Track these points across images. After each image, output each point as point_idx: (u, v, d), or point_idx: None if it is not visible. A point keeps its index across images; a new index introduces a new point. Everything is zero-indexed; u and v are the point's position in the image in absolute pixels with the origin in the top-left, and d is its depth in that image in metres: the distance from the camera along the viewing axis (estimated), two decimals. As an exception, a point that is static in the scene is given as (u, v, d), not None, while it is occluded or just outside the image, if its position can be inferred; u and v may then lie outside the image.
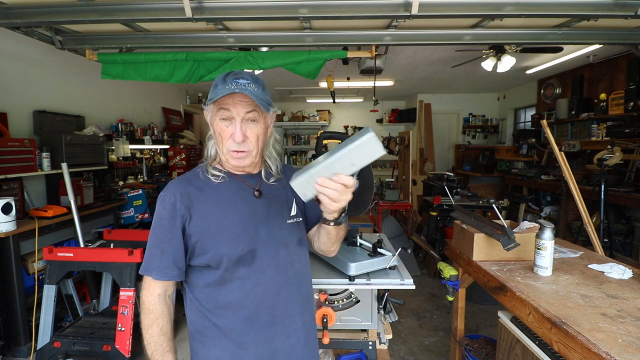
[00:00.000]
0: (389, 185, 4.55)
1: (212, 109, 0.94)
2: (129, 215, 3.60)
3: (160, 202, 0.94)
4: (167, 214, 0.92)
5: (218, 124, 0.93)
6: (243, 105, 0.91)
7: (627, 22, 2.28)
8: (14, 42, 2.89)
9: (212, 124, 0.95)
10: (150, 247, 0.95)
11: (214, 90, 0.92)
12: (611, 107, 4.12)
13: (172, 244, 0.92)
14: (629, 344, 0.95)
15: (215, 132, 0.95)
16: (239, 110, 0.91)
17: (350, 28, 2.46)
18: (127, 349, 2.15)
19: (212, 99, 0.91)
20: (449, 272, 1.84)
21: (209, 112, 0.96)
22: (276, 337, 0.96)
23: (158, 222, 0.94)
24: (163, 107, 5.55)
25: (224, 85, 0.89)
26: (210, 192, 0.95)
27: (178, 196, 0.93)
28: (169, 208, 0.92)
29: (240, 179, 1.00)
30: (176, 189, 0.94)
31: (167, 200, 0.93)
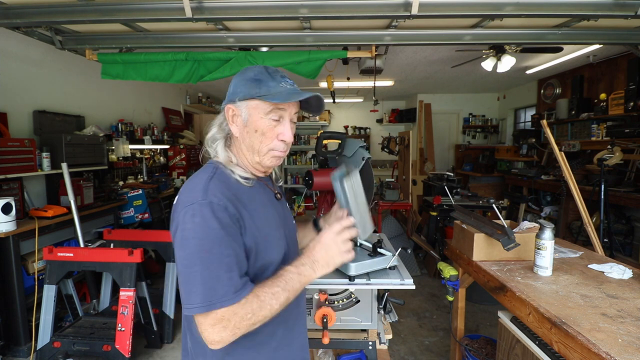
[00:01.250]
0: (389, 185, 4.55)
1: (256, 105, 0.85)
2: (129, 215, 3.60)
3: (203, 210, 0.76)
4: (222, 223, 0.76)
5: (265, 122, 0.85)
6: (295, 106, 0.89)
7: (627, 22, 2.28)
8: (14, 42, 2.89)
9: (252, 121, 0.85)
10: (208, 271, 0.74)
11: (260, 85, 0.84)
12: (611, 107, 4.12)
13: (237, 256, 0.78)
14: (629, 344, 0.95)
15: (254, 130, 0.85)
16: (291, 110, 0.88)
17: (350, 28, 2.46)
18: (127, 349, 2.15)
19: (264, 95, 0.83)
20: (449, 272, 1.84)
21: (243, 108, 0.85)
22: (301, 334, 1.00)
23: (210, 235, 0.75)
24: (163, 107, 5.55)
25: (276, 83, 0.85)
26: (248, 197, 0.86)
27: (226, 200, 0.79)
28: (222, 215, 0.77)
29: (264, 182, 0.96)
30: (219, 192, 0.79)
31: (216, 206, 0.77)
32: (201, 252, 0.74)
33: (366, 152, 1.63)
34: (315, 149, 1.75)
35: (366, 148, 1.66)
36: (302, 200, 5.79)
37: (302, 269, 0.84)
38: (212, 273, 0.74)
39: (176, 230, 0.79)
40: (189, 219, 0.76)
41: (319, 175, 1.62)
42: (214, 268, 0.75)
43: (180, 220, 0.78)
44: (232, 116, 0.88)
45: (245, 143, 0.88)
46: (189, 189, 0.82)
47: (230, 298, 0.74)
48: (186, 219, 0.76)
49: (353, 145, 1.71)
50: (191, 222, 0.76)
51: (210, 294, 0.73)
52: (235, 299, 0.74)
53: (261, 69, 0.88)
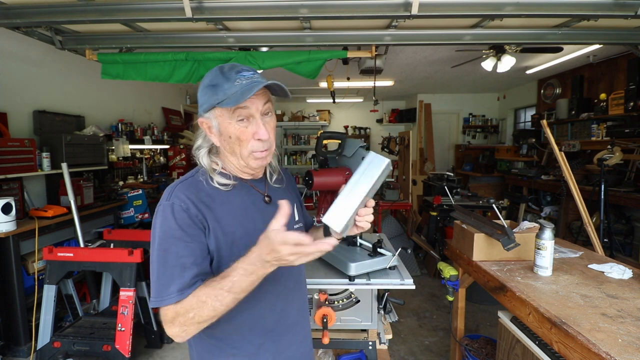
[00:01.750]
0: (389, 185, 4.55)
1: (218, 113, 0.83)
2: (129, 215, 3.60)
3: (165, 211, 0.80)
4: (180, 223, 0.79)
5: (234, 127, 0.83)
6: (260, 98, 0.83)
7: (627, 22, 2.28)
8: (14, 42, 2.89)
9: (224, 129, 0.84)
10: (163, 269, 0.77)
11: (216, 91, 0.81)
12: (611, 107, 4.12)
13: (195, 257, 0.79)
14: (629, 344, 0.95)
15: (229, 136, 0.84)
16: (257, 105, 0.83)
17: (350, 28, 2.46)
18: (127, 349, 2.15)
19: (221, 102, 0.80)
20: (449, 272, 1.84)
21: (212, 118, 0.84)
22: (292, 344, 0.96)
23: (168, 235, 0.79)
24: (163, 107, 5.55)
25: (230, 83, 0.81)
26: (221, 200, 0.86)
27: (189, 202, 0.81)
28: (181, 215, 0.79)
29: (250, 184, 0.93)
30: (183, 195, 0.82)
31: (176, 207, 0.80)
32: (160, 251, 0.79)
33: (366, 152, 1.63)
34: (315, 149, 1.75)
35: (366, 148, 1.66)
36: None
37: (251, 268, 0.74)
38: (167, 271, 0.77)
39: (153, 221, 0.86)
40: (155, 219, 0.83)
41: (319, 175, 1.62)
42: (169, 266, 0.78)
43: (153, 219, 0.85)
44: (207, 128, 0.87)
45: (227, 150, 0.88)
46: (164, 192, 0.86)
47: (175, 296, 0.76)
48: (155, 218, 0.83)
49: (353, 145, 1.71)
50: (155, 222, 0.82)
51: (161, 290, 0.77)
52: (177, 297, 0.76)
53: (216, 71, 0.85)
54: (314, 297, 1.48)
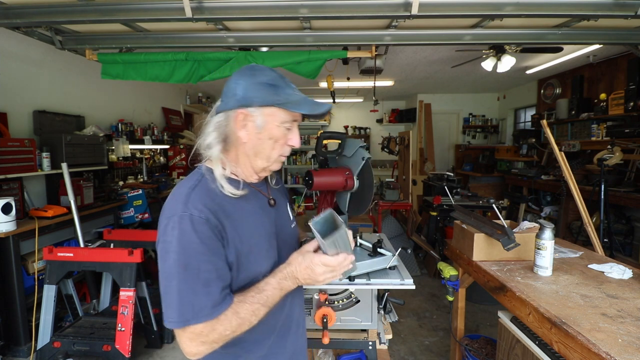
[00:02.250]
0: (389, 185, 4.55)
1: (273, 112, 0.82)
2: (129, 215, 3.60)
3: (183, 223, 0.74)
4: (202, 236, 0.74)
5: (279, 130, 0.83)
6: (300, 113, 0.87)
7: (627, 22, 2.28)
8: (14, 42, 2.89)
9: (268, 129, 0.82)
10: (185, 286, 0.72)
11: (277, 91, 0.81)
12: (611, 107, 4.12)
13: (217, 270, 0.76)
14: (629, 344, 0.95)
15: (269, 137, 0.83)
16: (300, 117, 0.87)
17: (350, 28, 2.46)
18: (127, 349, 2.15)
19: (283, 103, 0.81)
20: (449, 272, 1.84)
21: (258, 115, 0.81)
22: (295, 340, 0.98)
23: (188, 250, 0.73)
24: (163, 107, 5.55)
25: (291, 90, 0.84)
26: (234, 207, 0.82)
27: (208, 212, 0.76)
28: (202, 228, 0.74)
29: (256, 188, 0.92)
30: (201, 204, 0.76)
31: (196, 218, 0.74)
32: (179, 267, 0.73)
33: (366, 152, 1.63)
34: (315, 149, 1.75)
35: (366, 148, 1.66)
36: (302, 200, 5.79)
37: (283, 283, 0.82)
38: (189, 288, 0.73)
39: (158, 242, 0.77)
40: (169, 231, 0.74)
41: (319, 175, 1.62)
42: (191, 283, 0.73)
43: (161, 232, 0.76)
44: (244, 121, 0.82)
45: (254, 149, 0.85)
46: (172, 199, 0.79)
47: (208, 314, 0.73)
48: (167, 231, 0.75)
49: (353, 145, 1.71)
50: (170, 235, 0.74)
51: (186, 310, 0.72)
52: (212, 314, 0.73)
53: (274, 73, 0.84)
54: (314, 297, 1.48)
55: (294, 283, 0.82)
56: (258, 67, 0.85)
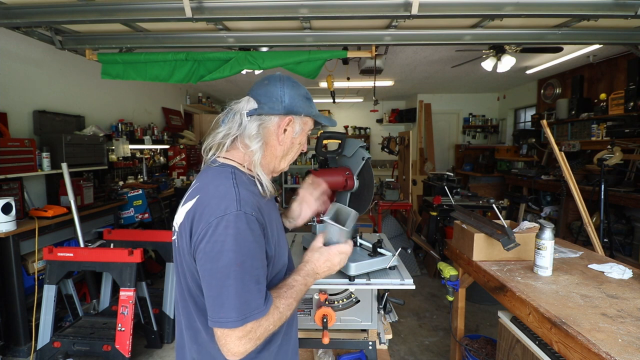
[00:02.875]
0: (389, 185, 4.55)
1: (306, 121, 0.95)
2: (129, 215, 3.60)
3: (238, 221, 0.75)
4: (255, 235, 0.78)
5: (303, 137, 0.97)
6: None
7: (627, 22, 2.28)
8: (14, 42, 2.89)
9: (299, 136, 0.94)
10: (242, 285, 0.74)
11: (311, 104, 0.94)
12: (611, 107, 4.12)
13: (263, 268, 0.80)
14: (629, 344, 0.95)
15: (298, 143, 0.96)
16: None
17: (350, 28, 2.46)
18: (127, 349, 2.15)
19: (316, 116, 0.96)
20: (449, 272, 1.84)
21: (298, 123, 0.92)
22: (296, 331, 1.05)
23: (244, 248, 0.75)
24: (163, 107, 5.55)
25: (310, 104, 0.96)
26: (265, 204, 0.88)
27: (257, 210, 0.80)
28: (255, 227, 0.78)
29: None
30: (250, 201, 0.80)
31: (250, 218, 0.77)
32: (235, 266, 0.74)
33: (366, 152, 1.63)
34: (315, 149, 1.75)
35: (366, 148, 1.66)
36: (302, 200, 5.79)
37: (308, 280, 0.90)
38: (245, 287, 0.74)
39: (202, 240, 0.76)
40: (221, 230, 0.74)
41: (319, 175, 1.62)
42: (247, 281, 0.74)
43: (210, 230, 0.75)
44: (287, 126, 0.91)
45: (285, 151, 0.94)
46: (217, 196, 0.79)
47: (261, 310, 0.75)
48: (218, 230, 0.75)
49: (353, 145, 1.71)
50: (224, 234, 0.74)
51: (245, 308, 0.73)
52: (265, 310, 0.76)
53: (305, 89, 0.96)
54: (314, 297, 1.48)
55: (314, 279, 0.91)
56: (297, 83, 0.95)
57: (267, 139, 0.90)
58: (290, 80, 0.93)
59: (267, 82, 0.91)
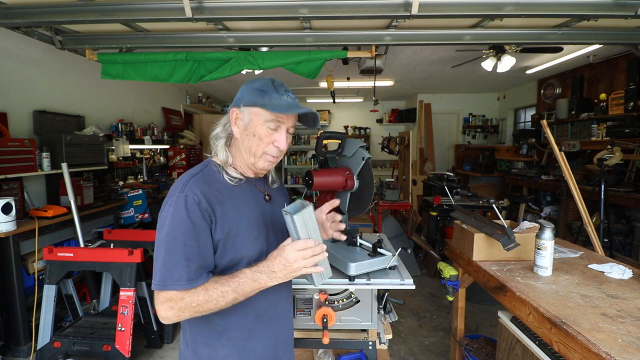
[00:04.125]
0: (389, 185, 4.55)
1: (257, 112, 0.92)
2: (129, 215, 3.60)
3: (178, 202, 0.86)
4: (191, 215, 0.85)
5: (263, 128, 0.93)
6: (293, 119, 0.98)
7: (627, 22, 2.28)
8: (14, 42, 2.89)
9: (252, 126, 0.93)
10: (169, 256, 0.84)
11: (263, 95, 0.92)
12: (611, 107, 4.12)
13: (200, 248, 0.86)
14: (629, 344, 0.95)
15: (253, 134, 0.93)
16: (290, 122, 0.97)
17: (350, 28, 2.46)
18: (127, 349, 2.15)
19: (265, 105, 0.91)
20: (449, 272, 1.84)
21: (246, 113, 0.93)
22: (279, 331, 1.05)
23: (179, 225, 0.84)
24: (163, 107, 5.55)
25: (279, 95, 0.93)
26: (228, 194, 0.94)
27: (202, 196, 0.87)
28: (193, 209, 0.85)
29: (252, 183, 1.03)
30: (197, 188, 0.88)
31: (189, 200, 0.86)
32: (168, 238, 0.85)
33: (366, 152, 1.63)
34: (315, 149, 1.75)
35: (366, 148, 1.66)
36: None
37: (257, 275, 0.87)
38: (172, 258, 0.84)
39: (158, 217, 0.89)
40: (166, 208, 0.88)
41: (319, 175, 1.62)
42: (175, 254, 0.84)
43: (162, 208, 0.89)
44: (235, 119, 0.96)
45: (243, 145, 0.96)
46: (176, 183, 0.92)
47: (182, 284, 0.83)
48: (164, 208, 0.88)
49: (353, 145, 1.71)
50: (166, 211, 0.87)
51: (166, 276, 0.83)
52: (185, 285, 0.83)
53: (268, 81, 0.96)
54: (314, 297, 1.48)
55: (270, 277, 0.87)
56: (261, 78, 0.98)
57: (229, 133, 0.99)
58: (255, 79, 0.97)
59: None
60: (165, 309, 0.84)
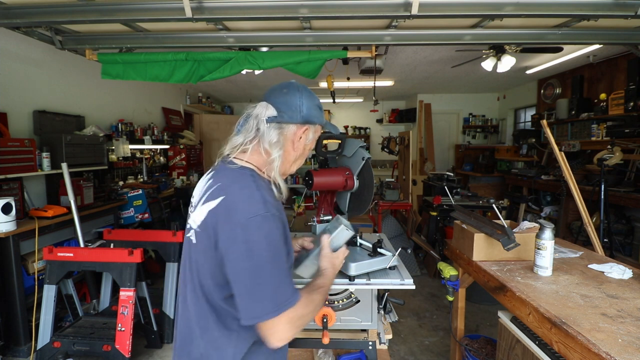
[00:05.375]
0: (389, 185, 4.55)
1: (317, 129, 1.02)
2: (129, 215, 3.60)
3: (269, 222, 0.82)
4: (280, 234, 0.84)
5: (314, 143, 1.03)
6: None
7: (627, 22, 2.28)
8: (14, 42, 2.89)
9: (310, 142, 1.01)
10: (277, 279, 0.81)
11: (322, 114, 1.01)
12: (611, 107, 4.12)
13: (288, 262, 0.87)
14: (629, 344, 0.95)
15: (303, 147, 1.00)
16: None
17: (350, 28, 2.46)
18: (127, 349, 2.15)
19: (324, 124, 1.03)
20: (449, 272, 1.84)
21: (312, 131, 1.00)
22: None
23: (276, 247, 0.82)
24: (163, 107, 5.55)
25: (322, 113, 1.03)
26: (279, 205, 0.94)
27: (279, 211, 0.87)
28: (280, 226, 0.85)
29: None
30: (274, 203, 0.87)
31: (277, 218, 0.84)
32: (269, 262, 0.80)
33: (366, 152, 1.63)
34: (315, 149, 1.75)
35: (366, 148, 1.66)
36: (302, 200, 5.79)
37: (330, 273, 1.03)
38: (277, 280, 0.81)
39: (234, 241, 0.81)
40: (253, 231, 0.80)
41: (319, 175, 1.62)
42: (278, 275, 0.81)
43: (242, 231, 0.80)
44: (302, 135, 0.98)
45: (297, 156, 1.01)
46: (243, 199, 0.84)
47: (294, 299, 0.83)
48: (250, 230, 0.80)
49: (353, 145, 1.71)
50: (257, 234, 0.80)
51: (280, 299, 0.81)
52: (296, 298, 0.83)
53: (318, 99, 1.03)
54: (314, 297, 1.48)
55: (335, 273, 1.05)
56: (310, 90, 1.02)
57: (284, 145, 0.96)
58: (307, 90, 0.99)
59: (286, 91, 0.96)
60: (289, 329, 0.82)
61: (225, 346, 0.87)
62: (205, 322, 0.88)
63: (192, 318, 0.91)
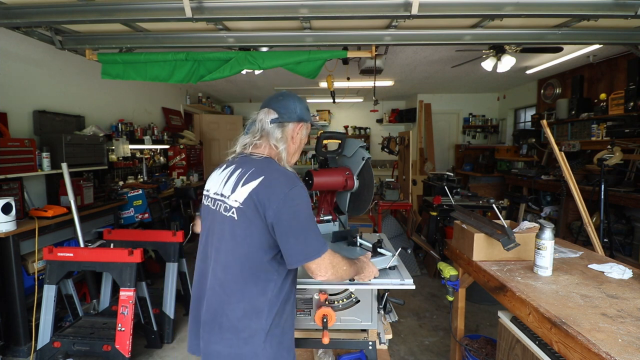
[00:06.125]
0: (389, 185, 4.55)
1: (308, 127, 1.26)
2: (129, 215, 3.60)
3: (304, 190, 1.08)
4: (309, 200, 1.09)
5: (307, 137, 1.27)
6: None
7: (627, 22, 2.28)
8: (14, 42, 2.89)
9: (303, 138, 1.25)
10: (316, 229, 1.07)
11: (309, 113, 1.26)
12: (611, 107, 4.12)
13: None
14: (629, 344, 0.95)
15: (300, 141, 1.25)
16: None
17: (350, 28, 2.46)
18: (127, 349, 2.15)
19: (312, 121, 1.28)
20: (449, 272, 1.84)
21: (304, 128, 1.24)
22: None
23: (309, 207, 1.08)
24: (163, 107, 5.55)
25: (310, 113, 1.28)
26: None
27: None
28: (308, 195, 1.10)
29: None
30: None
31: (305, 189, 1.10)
32: (309, 218, 1.06)
33: (366, 152, 1.63)
34: (315, 149, 1.75)
35: (366, 148, 1.66)
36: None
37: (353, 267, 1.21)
38: (317, 232, 1.07)
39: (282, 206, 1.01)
40: (296, 196, 1.03)
41: (319, 175, 1.62)
42: (316, 229, 1.07)
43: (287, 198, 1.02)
44: (299, 131, 1.22)
45: (295, 150, 1.24)
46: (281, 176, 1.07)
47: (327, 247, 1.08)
48: (294, 195, 1.03)
49: (353, 145, 1.71)
50: (299, 199, 1.04)
51: (320, 244, 1.06)
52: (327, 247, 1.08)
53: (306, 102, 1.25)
54: (314, 297, 1.48)
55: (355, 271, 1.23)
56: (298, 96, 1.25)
57: (286, 140, 1.19)
58: (297, 96, 1.24)
59: (282, 98, 1.20)
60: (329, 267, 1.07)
61: (262, 307, 1.07)
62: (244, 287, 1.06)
63: (227, 287, 1.07)
